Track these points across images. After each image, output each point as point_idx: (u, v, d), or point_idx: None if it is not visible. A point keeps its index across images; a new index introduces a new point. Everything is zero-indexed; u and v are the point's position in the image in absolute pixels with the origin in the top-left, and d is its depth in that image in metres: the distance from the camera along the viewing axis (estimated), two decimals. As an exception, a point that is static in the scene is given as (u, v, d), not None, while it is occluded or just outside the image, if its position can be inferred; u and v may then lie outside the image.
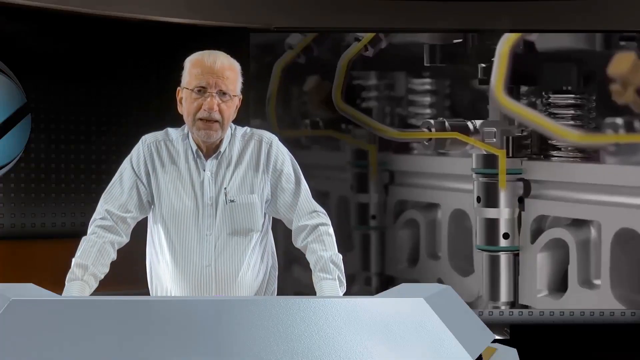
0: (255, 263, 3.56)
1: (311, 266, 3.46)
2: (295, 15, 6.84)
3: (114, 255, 3.45)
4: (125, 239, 3.50)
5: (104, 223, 3.45)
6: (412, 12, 6.86)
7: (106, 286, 3.40)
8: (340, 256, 3.46)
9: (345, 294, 3.42)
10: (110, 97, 6.69)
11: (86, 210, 3.63)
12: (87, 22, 6.41)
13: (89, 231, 3.46)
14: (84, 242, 3.42)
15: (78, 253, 3.38)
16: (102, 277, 3.38)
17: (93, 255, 3.36)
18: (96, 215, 3.50)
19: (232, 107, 3.43)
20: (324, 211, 3.59)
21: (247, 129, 3.60)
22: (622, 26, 6.78)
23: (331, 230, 3.53)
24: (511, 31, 6.80)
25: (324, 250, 3.44)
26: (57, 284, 3.16)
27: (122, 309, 2.25)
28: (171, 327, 2.20)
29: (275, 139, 3.58)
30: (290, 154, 3.62)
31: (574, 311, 6.70)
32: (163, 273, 3.54)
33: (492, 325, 3.24)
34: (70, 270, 3.33)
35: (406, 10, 6.85)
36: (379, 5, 6.83)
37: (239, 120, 3.61)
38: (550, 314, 6.73)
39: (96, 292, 3.30)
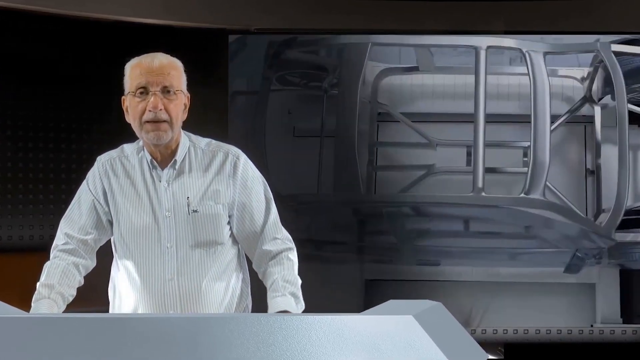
0: (221, 277, 3.55)
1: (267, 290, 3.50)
2: (276, 16, 6.85)
3: (80, 278, 3.47)
4: (90, 262, 3.53)
5: (66, 247, 3.48)
6: (400, 12, 6.88)
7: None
8: (297, 277, 3.49)
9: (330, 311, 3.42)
10: (81, 102, 6.67)
11: (55, 222, 3.64)
12: (57, 23, 6.41)
13: (51, 256, 3.49)
14: (46, 267, 3.44)
15: (42, 277, 3.41)
16: (70, 299, 3.40)
17: (58, 275, 3.39)
18: (57, 241, 3.52)
19: (179, 105, 3.41)
20: (290, 237, 3.61)
21: (211, 140, 3.58)
22: (620, 27, 6.83)
23: (293, 254, 3.56)
24: (505, 32, 6.84)
25: (279, 272, 3.48)
26: (24, 301, 3.16)
27: (94, 327, 2.24)
28: (146, 346, 2.20)
29: (242, 155, 3.56)
30: (260, 174, 3.63)
31: (572, 329, 6.72)
32: (125, 288, 3.54)
33: (486, 345, 3.26)
34: (35, 292, 3.34)
35: (394, 10, 6.87)
36: (365, 5, 6.85)
37: (220, 120, 3.61)
38: (547, 332, 6.75)
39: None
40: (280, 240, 3.57)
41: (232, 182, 3.52)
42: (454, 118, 7.27)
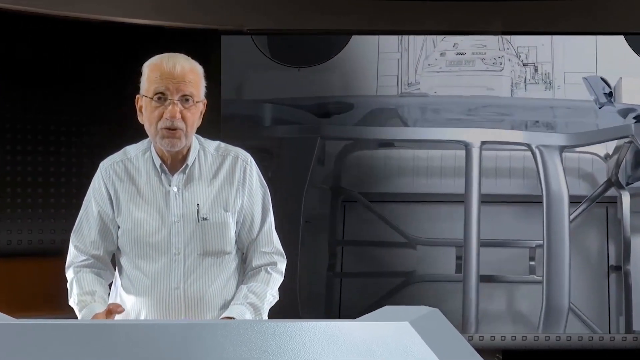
0: (226, 286, 3.54)
1: None
2: (269, 16, 6.85)
3: (106, 284, 3.52)
4: (109, 274, 3.57)
5: (84, 263, 3.51)
6: (396, 12, 6.88)
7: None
8: (269, 291, 3.51)
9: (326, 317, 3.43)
10: (73, 104, 6.66)
11: (45, 226, 3.65)
12: (48, 24, 6.40)
13: (72, 273, 3.51)
14: (75, 281, 3.48)
15: (75, 290, 3.45)
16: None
17: (91, 283, 3.45)
18: (72, 257, 3.54)
19: (196, 113, 3.40)
20: (280, 250, 3.62)
21: (219, 143, 3.58)
22: (620, 27, 6.85)
23: (274, 268, 3.56)
24: (503, 33, 6.84)
25: (250, 283, 3.51)
26: (13, 306, 3.17)
27: (85, 334, 2.24)
28: (138, 352, 2.20)
29: (251, 160, 3.57)
30: (263, 180, 3.62)
31: (572, 336, 6.71)
32: (127, 295, 3.54)
33: (483, 351, 3.26)
34: (76, 303, 3.42)
35: (390, 10, 6.87)
36: (361, 5, 6.85)
37: (212, 126, 3.61)
38: (546, 339, 6.74)
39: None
40: (268, 254, 3.57)
41: (241, 189, 3.52)
42: (440, 198, 6.44)
